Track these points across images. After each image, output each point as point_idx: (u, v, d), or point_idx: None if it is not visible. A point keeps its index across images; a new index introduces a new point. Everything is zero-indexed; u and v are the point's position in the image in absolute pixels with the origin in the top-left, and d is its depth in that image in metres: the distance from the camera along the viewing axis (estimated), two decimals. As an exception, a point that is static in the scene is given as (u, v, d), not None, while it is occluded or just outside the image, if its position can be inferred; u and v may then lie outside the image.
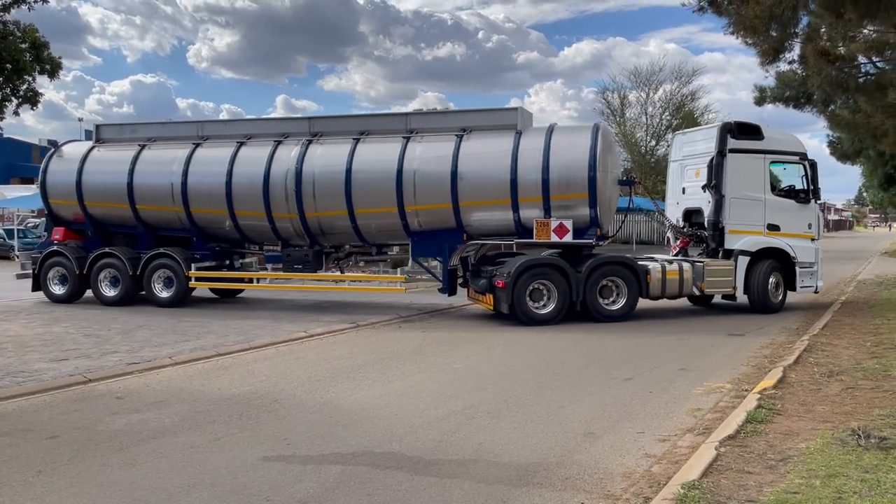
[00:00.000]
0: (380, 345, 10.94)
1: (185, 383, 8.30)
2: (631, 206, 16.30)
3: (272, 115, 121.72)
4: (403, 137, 14.16)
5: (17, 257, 16.73)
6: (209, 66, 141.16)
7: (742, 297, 14.29)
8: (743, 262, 14.19)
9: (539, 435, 6.18)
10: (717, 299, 15.06)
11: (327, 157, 14.38)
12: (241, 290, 17.19)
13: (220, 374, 8.82)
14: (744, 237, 14.29)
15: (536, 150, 13.33)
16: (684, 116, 40.56)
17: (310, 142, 14.69)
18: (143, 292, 15.34)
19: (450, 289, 14.52)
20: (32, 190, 36.23)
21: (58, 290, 15.69)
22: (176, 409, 7.09)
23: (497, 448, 5.82)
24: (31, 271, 15.96)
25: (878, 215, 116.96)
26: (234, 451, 5.78)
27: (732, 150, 14.16)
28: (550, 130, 13.78)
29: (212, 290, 16.61)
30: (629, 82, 42.91)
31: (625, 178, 14.77)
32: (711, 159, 14.18)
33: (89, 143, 16.54)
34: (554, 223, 13.25)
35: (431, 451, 5.74)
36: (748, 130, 14.33)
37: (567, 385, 8.09)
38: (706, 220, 14.48)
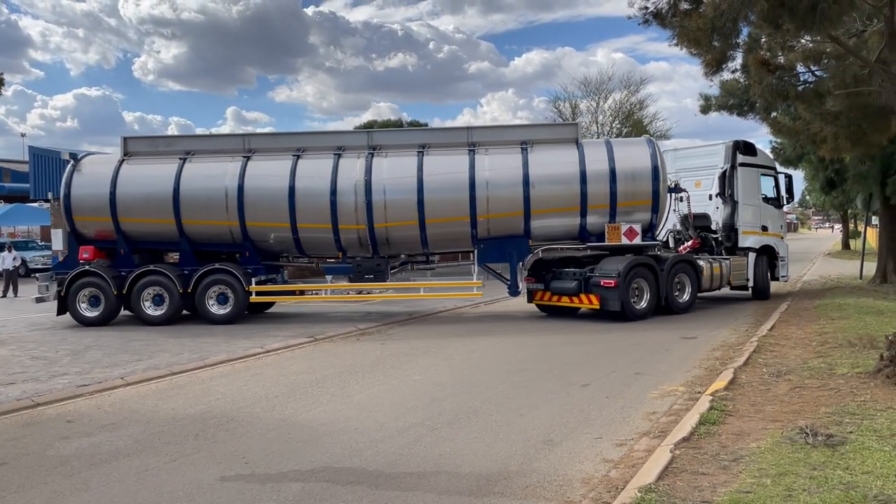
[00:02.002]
0: (338, 358, 10.86)
1: (137, 404, 8.12)
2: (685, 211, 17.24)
3: (223, 128, 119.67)
4: (468, 150, 14.85)
5: (37, 279, 15.64)
6: (156, 79, 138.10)
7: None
8: (751, 257, 16.86)
9: (499, 444, 6.22)
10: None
11: (396, 168, 14.70)
12: (272, 304, 16.70)
13: (175, 393, 8.65)
14: (751, 237, 16.98)
15: (602, 161, 14.63)
16: (634, 124, 41.29)
17: (372, 154, 14.88)
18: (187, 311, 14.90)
19: (521, 291, 15.14)
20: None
21: (90, 312, 14.79)
22: (129, 432, 6.93)
23: (458, 459, 5.84)
24: (51, 294, 15.03)
25: (820, 217, 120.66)
26: (190, 473, 5.68)
27: (741, 164, 16.83)
28: (608, 143, 15.28)
29: None
30: (580, 91, 43.47)
31: (673, 186, 15.82)
32: (724, 171, 16.74)
33: (115, 157, 15.68)
34: (624, 227, 14.62)
35: (392, 465, 5.73)
36: (748, 148, 17.14)
37: (526, 393, 8.16)
38: (718, 223, 16.82)
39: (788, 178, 18.11)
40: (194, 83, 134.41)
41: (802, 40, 13.36)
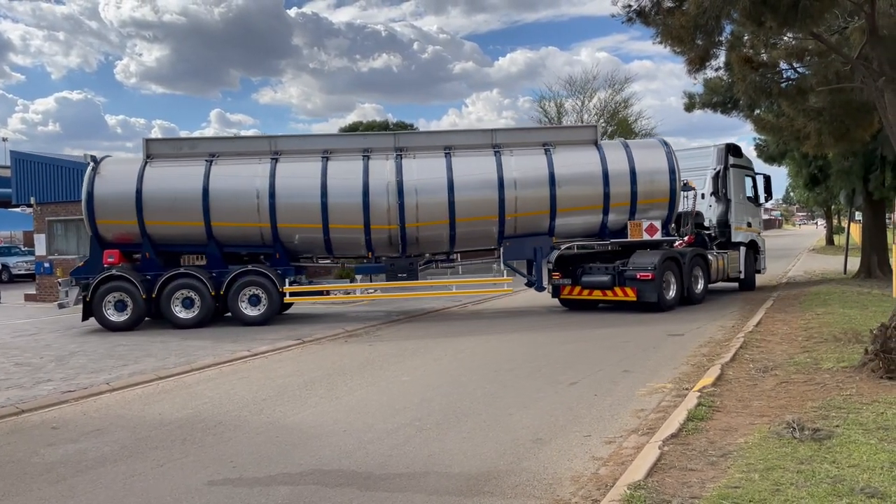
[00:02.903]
0: (326, 360, 10.82)
1: (124, 409, 8.05)
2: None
3: (206, 131, 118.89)
4: (494, 152, 15.40)
5: (59, 284, 15.43)
6: (138, 82, 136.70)
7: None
8: (742, 251, 18.11)
9: (488, 443, 6.21)
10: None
11: (425, 170, 15.10)
12: (290, 305, 16.77)
13: (161, 398, 8.59)
14: (741, 233, 18.16)
15: (622, 162, 15.49)
16: (619, 123, 41.46)
17: (400, 156, 15.22)
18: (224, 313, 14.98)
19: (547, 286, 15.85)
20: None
21: (118, 316, 14.52)
22: (115, 437, 6.87)
23: (447, 459, 5.83)
24: (71, 299, 14.83)
25: (804, 214, 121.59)
26: (177, 478, 5.63)
27: (733, 166, 17.95)
28: (626, 145, 16.26)
29: None
30: (565, 91, 43.58)
31: (683, 185, 16.60)
32: (718, 172, 17.74)
33: (136, 159, 15.46)
34: (645, 224, 15.59)
35: (381, 466, 5.71)
36: (737, 151, 18.31)
37: (515, 392, 8.16)
38: (713, 220, 17.91)
39: (766, 178, 19.36)
40: (177, 86, 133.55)
41: (785, 38, 13.42)
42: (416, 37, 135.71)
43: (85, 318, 14.79)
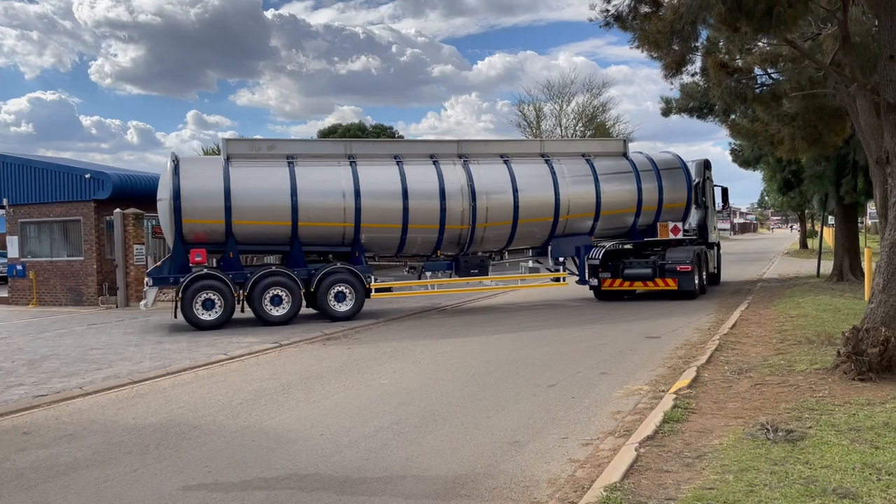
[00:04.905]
0: (304, 364, 10.76)
1: (97, 414, 7.94)
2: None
3: (185, 132, 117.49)
4: (544, 160, 17.42)
5: (147, 284, 15.18)
6: (113, 83, 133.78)
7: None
8: (716, 250, 20.92)
9: (466, 446, 6.21)
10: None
11: (492, 174, 16.74)
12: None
13: (136, 402, 8.49)
14: (713, 235, 20.62)
15: (650, 172, 18.15)
16: (597, 127, 41.77)
17: (466, 161, 16.72)
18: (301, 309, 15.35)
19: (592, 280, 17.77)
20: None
21: (207, 315, 14.54)
22: (88, 442, 6.77)
23: (425, 462, 5.82)
24: (150, 300, 14.86)
25: (779, 217, 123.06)
26: (151, 483, 5.57)
27: (707, 178, 20.28)
28: (650, 158, 18.67)
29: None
30: (543, 95, 43.85)
31: None
32: (698, 183, 19.75)
33: (215, 159, 15.72)
34: (671, 225, 18.21)
35: (358, 470, 5.69)
36: (709, 165, 20.71)
37: (493, 395, 8.17)
38: (692, 224, 19.89)
39: (724, 189, 21.83)
40: (153, 87, 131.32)
41: (760, 43, 13.59)
42: (394, 39, 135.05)
43: (176, 315, 14.87)
